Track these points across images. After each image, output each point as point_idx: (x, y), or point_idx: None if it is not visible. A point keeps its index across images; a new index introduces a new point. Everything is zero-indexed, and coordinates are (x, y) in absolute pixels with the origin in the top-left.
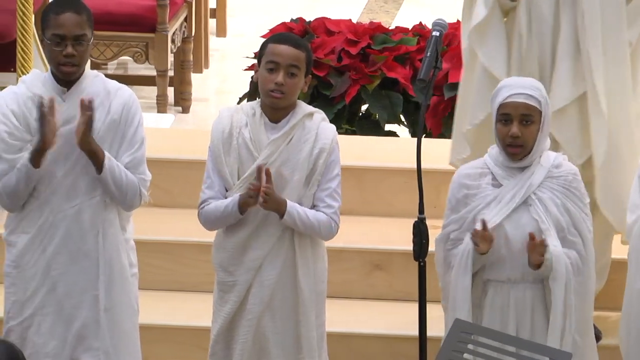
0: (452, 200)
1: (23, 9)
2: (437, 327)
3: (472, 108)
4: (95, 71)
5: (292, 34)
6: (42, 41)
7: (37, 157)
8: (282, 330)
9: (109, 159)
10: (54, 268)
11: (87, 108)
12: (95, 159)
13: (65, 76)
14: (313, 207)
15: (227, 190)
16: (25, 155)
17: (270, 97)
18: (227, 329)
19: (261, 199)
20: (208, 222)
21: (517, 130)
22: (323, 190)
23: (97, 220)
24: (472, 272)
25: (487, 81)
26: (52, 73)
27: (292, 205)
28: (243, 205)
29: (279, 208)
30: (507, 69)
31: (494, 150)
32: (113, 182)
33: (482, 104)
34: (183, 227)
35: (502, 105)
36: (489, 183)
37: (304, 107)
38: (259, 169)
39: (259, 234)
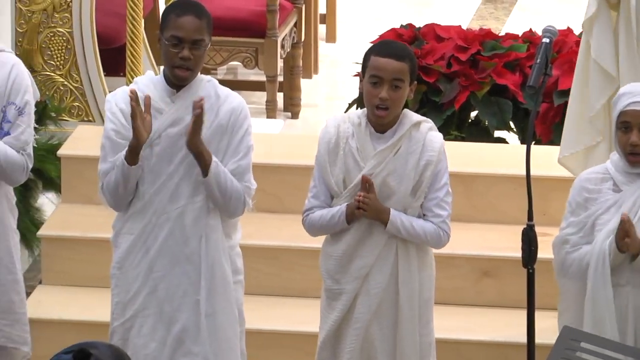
0: (573, 203)
1: (133, 13)
2: (545, 335)
3: (591, 96)
4: (208, 76)
5: (395, 42)
6: (159, 40)
7: (131, 154)
8: (389, 338)
9: (216, 164)
10: (156, 270)
11: (197, 106)
12: (202, 161)
13: (178, 80)
14: (423, 216)
15: (332, 199)
16: (122, 152)
17: (375, 114)
18: (334, 336)
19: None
20: (312, 229)
21: (637, 139)
22: (430, 200)
23: (200, 224)
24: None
25: (599, 72)
26: (165, 74)
27: (395, 214)
28: (350, 216)
29: (382, 217)
30: (615, 63)
31: (615, 156)
32: (217, 188)
33: (598, 93)
34: (291, 232)
35: (622, 113)
36: (610, 188)
37: (411, 117)
38: (362, 180)
39: (365, 243)
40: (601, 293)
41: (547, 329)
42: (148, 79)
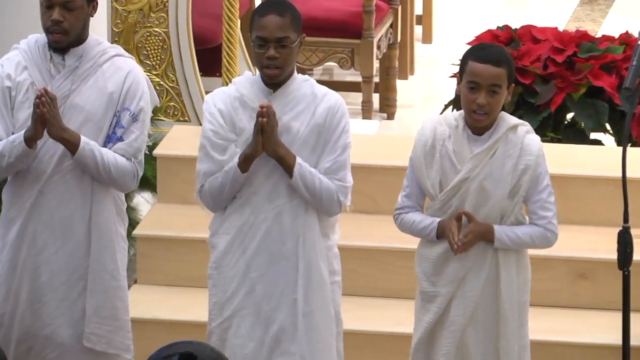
0: None
1: (229, 13)
2: None
3: None
4: (305, 75)
5: (492, 47)
6: (251, 43)
7: (246, 163)
8: (485, 342)
9: (299, 165)
10: (254, 269)
11: (259, 115)
12: (285, 164)
13: (269, 79)
14: (528, 219)
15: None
16: (235, 159)
17: (472, 118)
18: (429, 338)
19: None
20: (403, 230)
21: None
22: (534, 203)
23: (297, 223)
24: None
25: None
26: (261, 75)
27: (499, 231)
28: (441, 235)
29: (487, 238)
30: None
31: None
32: (305, 188)
33: None
34: (386, 233)
35: None
36: None
37: (508, 120)
38: (458, 216)
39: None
40: None
41: None
42: (245, 79)
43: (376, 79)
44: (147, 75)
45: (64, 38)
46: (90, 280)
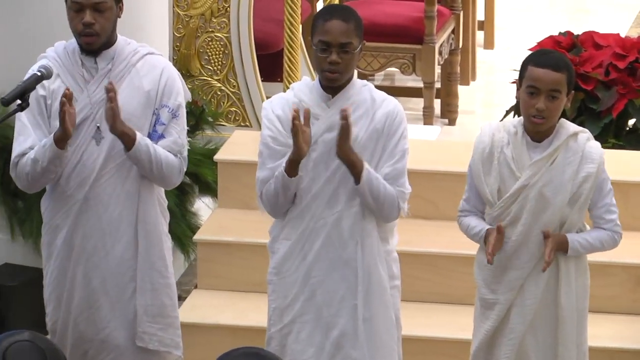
0: None
1: (291, 19)
2: None
3: None
4: (364, 80)
5: (552, 52)
6: (312, 47)
7: (291, 167)
8: (544, 349)
9: (367, 171)
10: (314, 275)
11: (343, 117)
12: (354, 169)
13: (328, 82)
14: (594, 224)
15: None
16: (282, 163)
17: (531, 122)
18: (488, 345)
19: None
20: (464, 233)
21: None
22: (599, 208)
23: (356, 229)
24: None
25: None
26: (320, 80)
27: (572, 240)
28: (489, 257)
29: (562, 248)
30: None
31: None
32: (370, 194)
33: None
34: (447, 239)
35: None
36: None
37: (568, 127)
38: (499, 228)
39: (520, 254)
40: None
41: None
42: (304, 85)
43: (437, 85)
44: (209, 81)
45: (96, 40)
46: (139, 279)
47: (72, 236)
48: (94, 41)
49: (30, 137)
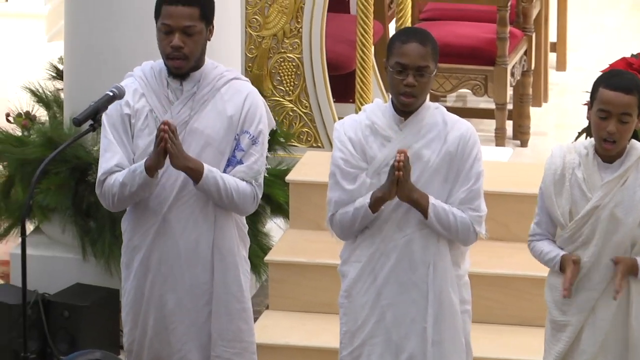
0: None
1: (363, 40)
2: None
3: None
4: (436, 103)
5: (624, 74)
6: (386, 68)
7: (376, 205)
8: None
9: (433, 206)
10: (384, 297)
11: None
12: (420, 207)
13: (403, 107)
14: None
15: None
16: (367, 197)
17: (602, 147)
18: None
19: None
20: (535, 258)
21: None
22: None
23: (427, 252)
24: None
25: None
26: (392, 102)
27: None
28: (562, 270)
29: (634, 272)
30: None
31: None
32: (440, 226)
33: None
34: (518, 261)
35: None
36: None
37: (638, 148)
38: (576, 259)
39: (591, 276)
40: None
41: None
42: (376, 106)
43: (510, 106)
44: (281, 101)
45: (185, 64)
46: (214, 303)
47: (149, 257)
48: (182, 65)
49: (117, 155)
